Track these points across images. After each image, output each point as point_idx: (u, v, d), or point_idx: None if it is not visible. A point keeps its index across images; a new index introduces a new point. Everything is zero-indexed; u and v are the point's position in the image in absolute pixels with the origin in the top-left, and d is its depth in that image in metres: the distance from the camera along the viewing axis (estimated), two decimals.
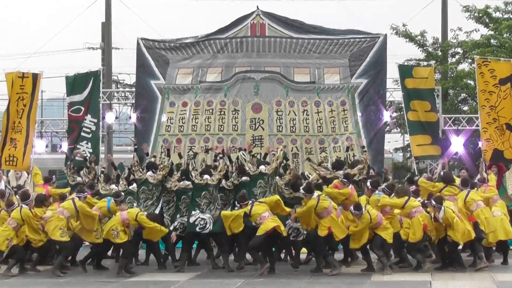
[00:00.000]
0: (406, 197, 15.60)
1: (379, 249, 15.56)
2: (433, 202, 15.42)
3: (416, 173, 19.94)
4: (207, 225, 16.10)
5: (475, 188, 16.60)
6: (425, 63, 25.68)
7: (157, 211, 16.52)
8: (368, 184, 16.43)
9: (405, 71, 21.10)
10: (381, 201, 15.73)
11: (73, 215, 15.94)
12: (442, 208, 15.24)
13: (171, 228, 16.49)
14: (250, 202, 15.64)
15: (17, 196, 17.24)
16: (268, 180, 16.47)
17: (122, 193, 16.52)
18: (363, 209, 15.35)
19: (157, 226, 15.84)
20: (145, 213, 15.97)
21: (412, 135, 20.55)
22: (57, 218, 15.81)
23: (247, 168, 16.56)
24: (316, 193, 15.63)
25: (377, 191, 16.02)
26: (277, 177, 16.80)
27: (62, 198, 16.99)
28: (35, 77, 20.57)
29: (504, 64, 20.22)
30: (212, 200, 16.19)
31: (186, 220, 16.31)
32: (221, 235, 16.29)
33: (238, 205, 15.94)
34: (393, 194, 15.83)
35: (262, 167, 16.60)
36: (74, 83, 21.28)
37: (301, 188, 15.78)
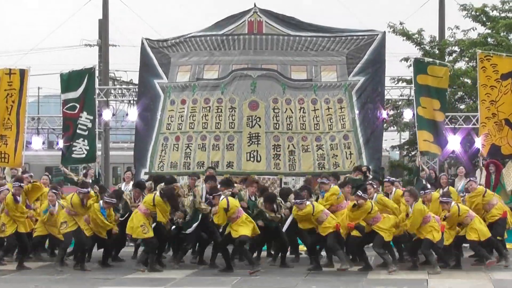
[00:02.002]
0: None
1: (380, 247, 15.63)
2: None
3: (421, 169, 19.98)
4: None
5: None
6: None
7: None
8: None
9: (420, 67, 20.93)
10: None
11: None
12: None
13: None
14: None
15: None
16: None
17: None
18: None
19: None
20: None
21: (419, 130, 20.47)
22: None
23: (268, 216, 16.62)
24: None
25: None
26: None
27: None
28: (23, 73, 20.66)
29: (507, 60, 20.32)
30: None
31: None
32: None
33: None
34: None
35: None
36: (69, 81, 21.20)
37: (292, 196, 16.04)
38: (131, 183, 18.85)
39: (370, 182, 16.91)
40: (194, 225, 16.38)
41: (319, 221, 15.72)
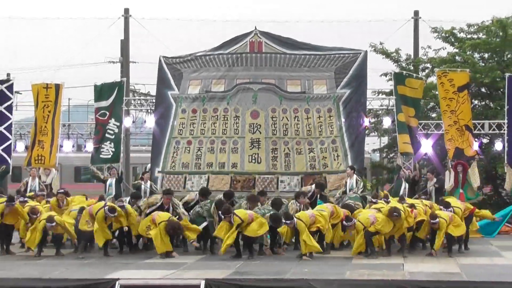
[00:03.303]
0: None
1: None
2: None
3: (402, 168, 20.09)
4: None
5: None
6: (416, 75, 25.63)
7: None
8: None
9: (400, 79, 21.10)
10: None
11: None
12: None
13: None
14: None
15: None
16: None
17: None
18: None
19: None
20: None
21: (399, 134, 20.62)
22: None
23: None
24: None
25: None
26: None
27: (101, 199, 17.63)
28: (57, 87, 20.78)
29: (461, 74, 20.42)
30: None
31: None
32: None
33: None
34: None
35: None
36: (101, 91, 21.34)
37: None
38: (149, 182, 19.11)
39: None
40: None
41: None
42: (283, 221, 15.68)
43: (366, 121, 21.30)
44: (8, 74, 21.90)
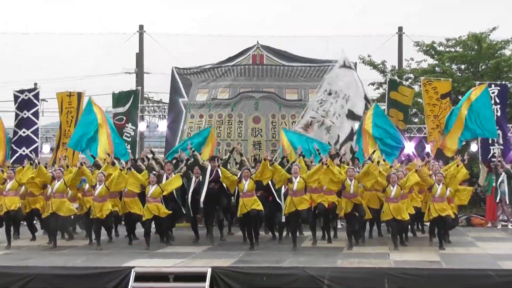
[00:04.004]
0: None
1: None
2: None
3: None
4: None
5: None
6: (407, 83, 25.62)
7: None
8: None
9: (393, 85, 21.07)
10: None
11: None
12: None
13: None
14: None
15: None
16: None
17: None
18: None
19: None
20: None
21: None
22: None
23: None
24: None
25: None
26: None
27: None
28: (79, 95, 20.85)
29: (444, 83, 20.48)
30: None
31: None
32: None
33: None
34: None
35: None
36: (119, 99, 21.42)
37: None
38: (173, 174, 18.60)
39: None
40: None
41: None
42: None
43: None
44: (35, 84, 21.91)
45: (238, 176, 15.42)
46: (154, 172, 15.96)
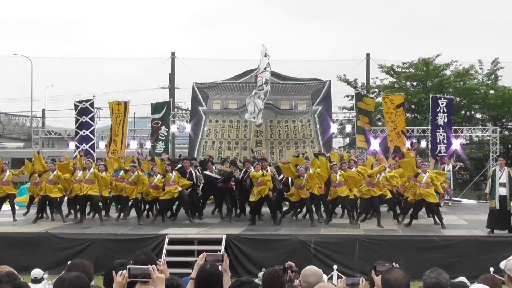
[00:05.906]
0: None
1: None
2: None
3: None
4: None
5: None
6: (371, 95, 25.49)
7: None
8: None
9: (359, 97, 21.10)
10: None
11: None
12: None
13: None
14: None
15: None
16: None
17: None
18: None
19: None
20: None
21: (357, 134, 20.60)
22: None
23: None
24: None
25: None
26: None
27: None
28: (126, 104, 20.75)
29: (398, 96, 20.55)
30: None
31: None
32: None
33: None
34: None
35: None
36: (156, 107, 21.31)
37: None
38: (190, 168, 18.02)
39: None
40: None
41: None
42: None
43: (333, 128, 21.19)
44: (93, 96, 21.86)
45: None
46: (167, 162, 15.43)
